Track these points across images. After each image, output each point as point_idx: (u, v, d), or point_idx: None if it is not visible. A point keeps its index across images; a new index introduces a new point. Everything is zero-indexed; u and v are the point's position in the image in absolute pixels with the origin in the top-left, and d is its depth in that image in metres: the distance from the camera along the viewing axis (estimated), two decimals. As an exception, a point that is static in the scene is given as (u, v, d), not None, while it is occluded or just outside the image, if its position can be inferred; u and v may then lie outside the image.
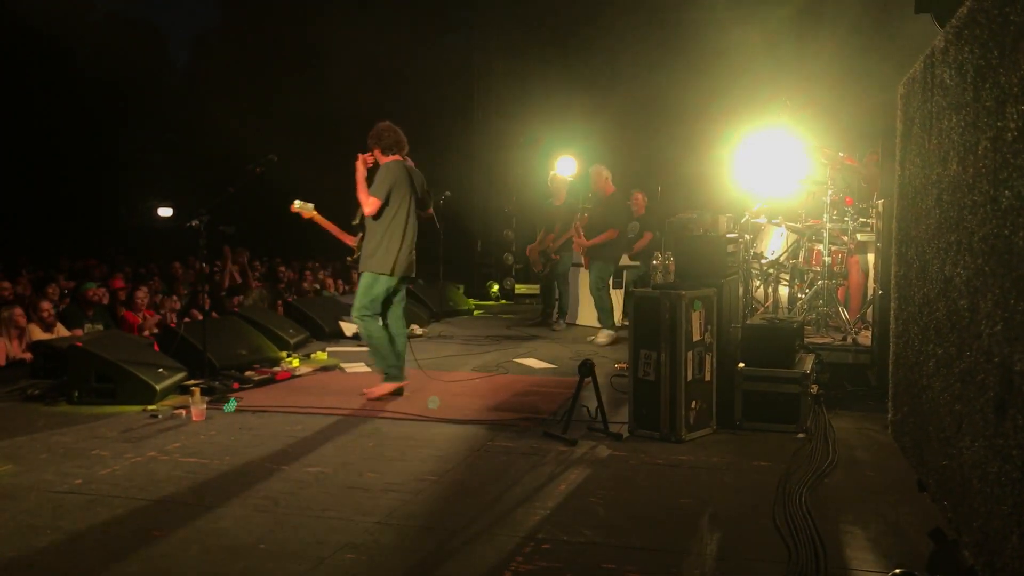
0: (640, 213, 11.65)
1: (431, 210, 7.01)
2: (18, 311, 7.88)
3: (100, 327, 8.73)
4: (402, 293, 6.75)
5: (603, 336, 9.49)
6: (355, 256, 6.82)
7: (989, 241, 2.02)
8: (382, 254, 6.49)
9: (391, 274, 6.49)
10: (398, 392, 6.62)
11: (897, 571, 2.69)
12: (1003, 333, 1.90)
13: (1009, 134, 1.87)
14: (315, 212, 6.94)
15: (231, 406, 6.03)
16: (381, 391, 6.57)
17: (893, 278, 3.53)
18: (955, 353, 2.35)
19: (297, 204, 6.90)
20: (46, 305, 8.28)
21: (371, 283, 6.54)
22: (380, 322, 6.60)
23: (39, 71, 15.40)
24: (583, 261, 10.03)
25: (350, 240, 6.94)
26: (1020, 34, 1.82)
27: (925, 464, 2.81)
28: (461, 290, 13.78)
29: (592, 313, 10.39)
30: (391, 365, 6.61)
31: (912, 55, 3.15)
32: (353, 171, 6.61)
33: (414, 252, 6.68)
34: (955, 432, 2.33)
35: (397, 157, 6.62)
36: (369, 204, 6.45)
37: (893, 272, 3.54)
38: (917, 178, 2.98)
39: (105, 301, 9.36)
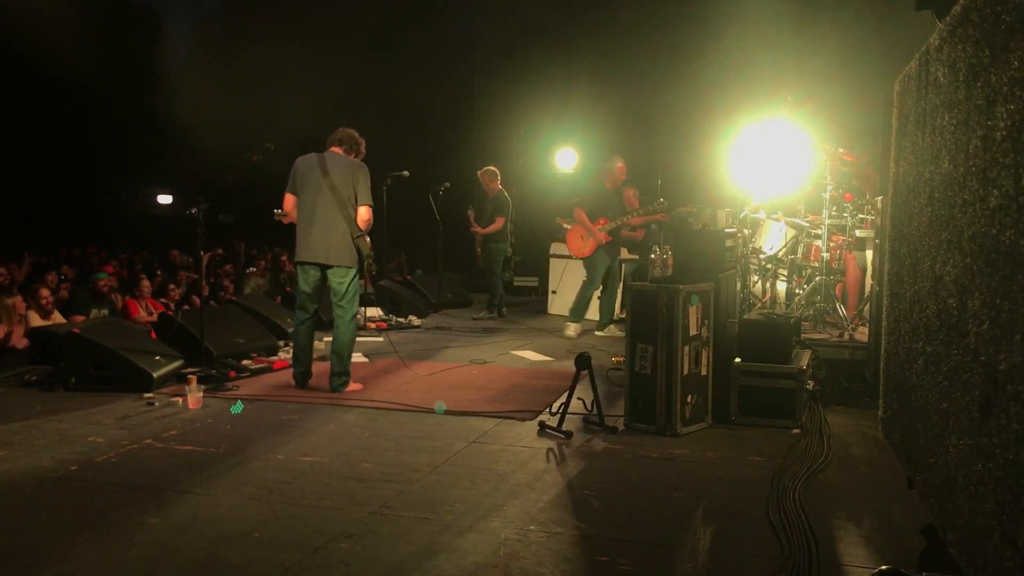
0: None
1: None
2: (19, 299, 7.90)
3: (105, 312, 8.76)
4: (340, 280, 6.48)
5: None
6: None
7: (977, 240, 2.03)
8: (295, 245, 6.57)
9: (298, 262, 6.50)
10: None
11: (883, 567, 2.71)
12: (989, 332, 1.91)
13: (998, 133, 1.88)
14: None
15: (238, 408, 5.86)
16: None
17: (886, 275, 3.53)
18: (943, 351, 2.35)
19: (278, 211, 6.97)
20: (44, 292, 8.30)
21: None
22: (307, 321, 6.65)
23: (38, 56, 15.37)
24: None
25: None
26: (1011, 33, 1.82)
27: (913, 461, 2.82)
28: (460, 281, 13.78)
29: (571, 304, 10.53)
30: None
31: (912, 51, 3.15)
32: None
33: (332, 236, 6.36)
34: (942, 430, 2.34)
35: (333, 150, 6.61)
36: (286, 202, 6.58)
37: (886, 269, 3.55)
38: (911, 175, 2.98)
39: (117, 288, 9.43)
